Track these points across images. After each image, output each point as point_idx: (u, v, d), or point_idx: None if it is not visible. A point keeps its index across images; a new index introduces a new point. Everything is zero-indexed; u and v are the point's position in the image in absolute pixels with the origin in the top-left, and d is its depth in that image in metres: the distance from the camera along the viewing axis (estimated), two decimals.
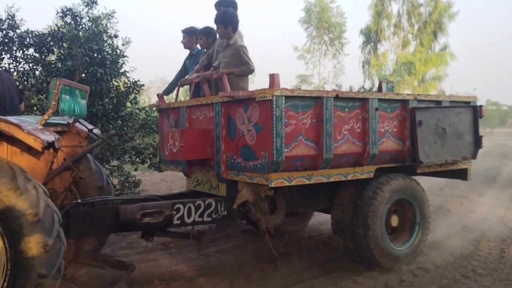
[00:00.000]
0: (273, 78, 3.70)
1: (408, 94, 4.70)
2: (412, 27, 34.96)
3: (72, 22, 7.35)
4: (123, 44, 8.00)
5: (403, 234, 4.83)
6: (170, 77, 11.27)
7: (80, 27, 7.40)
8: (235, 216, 4.36)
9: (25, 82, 6.89)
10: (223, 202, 4.26)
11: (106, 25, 7.56)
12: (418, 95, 4.82)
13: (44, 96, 6.95)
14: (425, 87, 33.23)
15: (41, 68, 7.06)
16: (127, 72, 7.61)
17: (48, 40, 6.93)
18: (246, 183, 4.15)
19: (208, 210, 4.20)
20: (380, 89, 4.60)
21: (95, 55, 6.98)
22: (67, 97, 3.52)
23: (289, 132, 3.82)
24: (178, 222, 4.09)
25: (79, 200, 3.95)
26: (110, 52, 7.29)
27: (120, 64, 7.39)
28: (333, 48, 42.17)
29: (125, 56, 7.54)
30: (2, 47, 6.72)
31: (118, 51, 7.49)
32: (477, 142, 5.10)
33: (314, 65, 43.02)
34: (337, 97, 4.05)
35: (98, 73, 6.79)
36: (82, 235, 3.98)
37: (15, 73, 6.91)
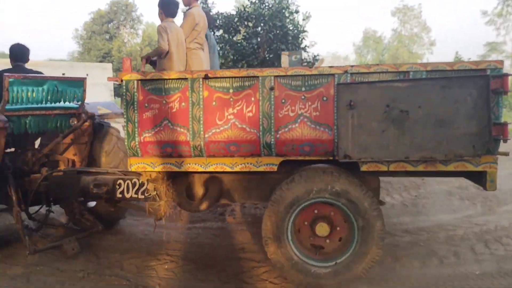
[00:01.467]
0: (123, 62, 3.70)
1: (332, 67, 3.45)
2: None
3: (257, 1, 8.14)
4: (303, 19, 8.37)
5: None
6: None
7: (264, 5, 8.13)
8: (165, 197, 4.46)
9: None
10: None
11: (288, 1, 8.09)
12: (353, 66, 3.43)
13: None
14: None
15: (229, 48, 8.14)
16: (307, 47, 8.02)
17: (235, 21, 7.94)
18: None
19: (141, 188, 4.50)
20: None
21: (278, 31, 7.57)
22: (15, 88, 4.58)
23: (150, 116, 3.70)
24: (120, 196, 4.59)
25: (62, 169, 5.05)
26: (291, 28, 7.78)
27: (300, 39, 7.82)
28: None
29: (305, 31, 7.90)
30: None
31: (299, 27, 7.92)
32: (488, 132, 3.16)
33: (506, 30, 37.63)
34: (210, 78, 3.56)
35: (280, 49, 7.35)
36: (57, 197, 5.05)
37: None
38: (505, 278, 3.91)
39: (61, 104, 5.06)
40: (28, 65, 5.51)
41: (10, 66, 5.33)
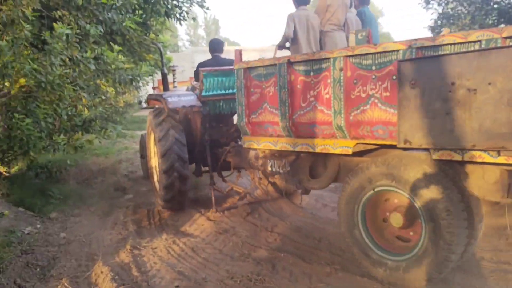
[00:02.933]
0: (235, 54, 4.27)
1: (396, 42, 3.01)
2: None
3: None
4: None
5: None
6: None
7: None
8: None
9: None
10: None
11: None
12: (417, 39, 2.88)
13: None
14: None
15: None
16: None
17: None
18: None
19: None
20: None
21: None
22: (209, 79, 5.73)
23: (254, 100, 4.18)
24: (270, 169, 5.12)
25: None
26: None
27: None
28: None
29: None
30: None
31: None
32: None
33: None
34: (293, 62, 3.74)
35: None
36: (236, 166, 5.98)
37: None
38: None
39: None
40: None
41: (210, 57, 6.58)
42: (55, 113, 5.30)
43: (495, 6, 7.24)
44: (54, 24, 4.89)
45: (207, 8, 8.85)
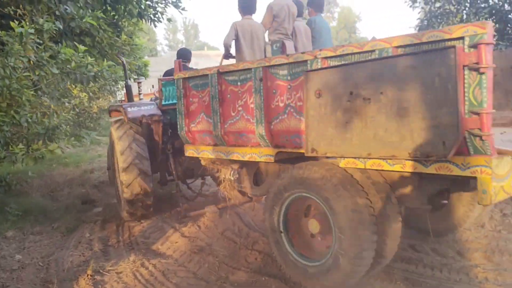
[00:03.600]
0: (174, 64, 4.35)
1: (304, 53, 3.05)
2: None
3: None
4: None
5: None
6: None
7: None
8: None
9: None
10: None
11: None
12: (321, 50, 2.91)
13: None
14: None
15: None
16: None
17: None
18: None
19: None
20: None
21: None
22: (168, 88, 5.82)
23: (193, 109, 4.25)
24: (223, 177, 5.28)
25: None
26: None
27: None
28: None
29: None
30: None
31: None
32: (456, 124, 2.26)
33: None
34: (222, 73, 3.80)
35: None
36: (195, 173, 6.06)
37: None
38: None
39: None
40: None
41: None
42: (13, 120, 4.94)
43: (484, 5, 7.11)
44: (11, 23, 4.66)
45: (183, 9, 8.83)
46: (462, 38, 2.33)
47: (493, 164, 2.32)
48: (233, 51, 5.04)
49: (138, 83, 7.49)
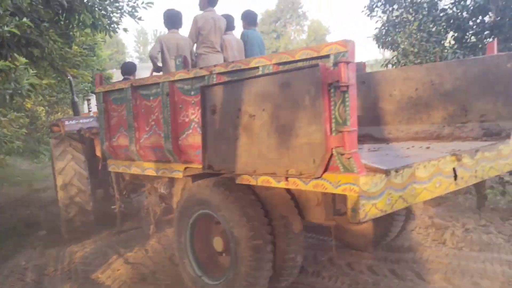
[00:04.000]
0: (95, 78, 4.31)
1: (202, 68, 3.04)
2: None
3: None
4: None
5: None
6: None
7: None
8: None
9: None
10: None
11: None
12: (216, 66, 2.91)
13: None
14: None
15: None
16: None
17: None
18: None
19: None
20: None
21: None
22: None
23: (113, 124, 4.21)
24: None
25: None
26: None
27: None
28: None
29: None
30: None
31: None
32: (321, 141, 2.26)
33: None
34: (134, 87, 3.77)
35: None
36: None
37: None
38: None
39: None
40: None
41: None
42: None
43: (442, 14, 7.07)
44: None
45: (139, 18, 8.71)
46: (328, 56, 2.35)
47: (361, 182, 2.32)
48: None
49: (88, 100, 7.37)
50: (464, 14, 6.72)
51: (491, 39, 6.05)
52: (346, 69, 2.21)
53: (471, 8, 6.36)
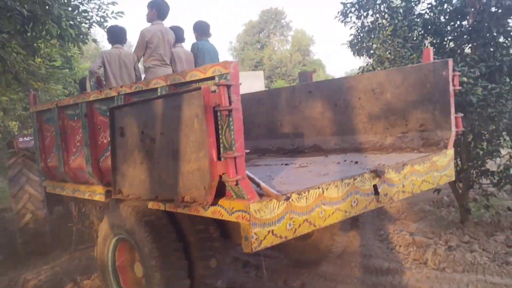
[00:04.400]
0: (30, 98, 4.20)
1: (112, 89, 2.93)
2: None
3: None
4: None
5: None
6: None
7: None
8: None
9: None
10: None
11: None
12: (122, 86, 2.80)
13: None
14: None
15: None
16: None
17: None
18: None
19: None
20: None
21: None
22: None
23: (47, 144, 4.09)
24: None
25: None
26: None
27: None
28: None
29: None
30: None
31: None
32: (209, 168, 2.14)
33: None
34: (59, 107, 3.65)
35: None
36: None
37: None
38: None
39: None
40: None
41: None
42: None
43: (418, 20, 6.77)
44: None
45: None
46: (213, 77, 2.23)
47: (252, 209, 2.20)
48: None
49: None
50: (442, 18, 6.44)
51: (469, 44, 5.83)
52: (225, 92, 2.09)
53: (448, 11, 6.06)
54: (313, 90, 4.69)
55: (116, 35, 4.79)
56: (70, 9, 7.79)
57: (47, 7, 6.87)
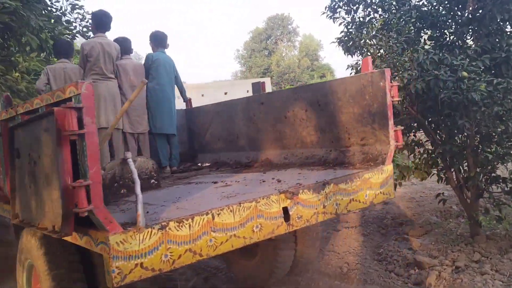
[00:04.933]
0: None
1: (12, 108, 2.80)
2: None
3: None
4: None
5: None
6: None
7: None
8: None
9: None
10: None
11: None
12: (16, 106, 2.66)
13: None
14: None
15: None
16: None
17: None
18: None
19: None
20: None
21: None
22: None
23: None
24: None
25: None
26: None
27: None
28: None
29: None
30: None
31: None
32: (62, 198, 1.98)
33: None
34: None
35: None
36: None
37: None
38: None
39: None
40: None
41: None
42: None
43: (414, 11, 6.17)
44: None
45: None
46: (70, 99, 2.07)
47: (112, 241, 2.02)
48: None
49: None
50: (441, 9, 5.80)
51: (470, 35, 5.22)
52: (73, 115, 1.92)
53: (446, 1, 5.41)
54: (265, 102, 4.49)
55: (62, 50, 4.71)
56: (52, 20, 7.72)
57: (23, 18, 6.80)
